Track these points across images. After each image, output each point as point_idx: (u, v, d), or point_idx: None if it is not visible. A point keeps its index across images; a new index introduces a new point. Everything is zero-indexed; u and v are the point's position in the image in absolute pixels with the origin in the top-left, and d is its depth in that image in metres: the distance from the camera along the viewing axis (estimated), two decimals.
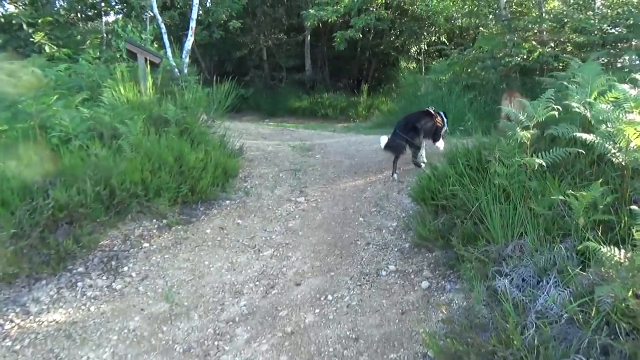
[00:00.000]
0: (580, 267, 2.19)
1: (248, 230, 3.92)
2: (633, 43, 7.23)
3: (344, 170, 5.43)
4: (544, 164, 2.74)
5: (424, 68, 12.51)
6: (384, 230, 3.78)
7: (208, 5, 11.72)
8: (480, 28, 12.32)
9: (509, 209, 2.82)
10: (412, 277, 3.07)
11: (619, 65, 5.97)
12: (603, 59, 6.71)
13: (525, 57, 7.90)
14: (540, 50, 8.01)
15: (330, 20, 11.64)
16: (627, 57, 5.08)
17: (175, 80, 6.39)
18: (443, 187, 3.43)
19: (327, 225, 3.97)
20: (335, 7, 11.40)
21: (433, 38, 13.54)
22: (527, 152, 2.89)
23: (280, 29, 14.89)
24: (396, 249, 3.46)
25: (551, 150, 2.79)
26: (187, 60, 7.27)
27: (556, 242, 2.45)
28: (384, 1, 12.83)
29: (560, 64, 8.17)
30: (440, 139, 5.06)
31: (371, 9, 12.77)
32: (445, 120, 5.18)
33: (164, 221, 3.86)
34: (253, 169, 5.38)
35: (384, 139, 4.87)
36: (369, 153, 6.15)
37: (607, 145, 2.43)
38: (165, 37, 7.39)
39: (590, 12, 8.50)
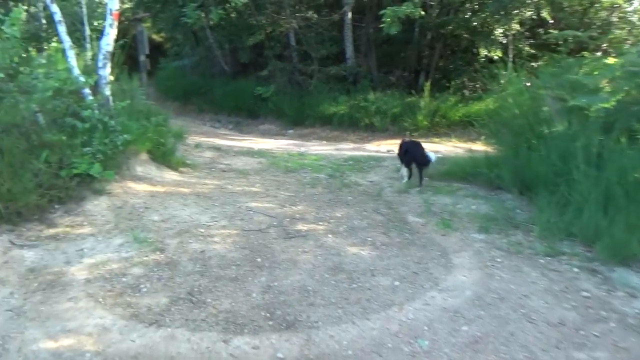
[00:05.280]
0: None
1: None
2: None
3: None
4: None
5: (511, 58, 8.30)
6: None
7: None
8: None
9: None
10: None
11: None
12: None
13: None
14: None
15: None
16: None
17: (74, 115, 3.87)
18: None
19: None
20: None
21: (529, 13, 8.87)
22: None
23: (308, 4, 10.66)
24: None
25: None
26: (106, 69, 4.49)
27: None
28: None
29: None
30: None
31: None
32: None
33: None
34: None
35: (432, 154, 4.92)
36: None
37: None
38: (61, 29, 4.45)
39: None
